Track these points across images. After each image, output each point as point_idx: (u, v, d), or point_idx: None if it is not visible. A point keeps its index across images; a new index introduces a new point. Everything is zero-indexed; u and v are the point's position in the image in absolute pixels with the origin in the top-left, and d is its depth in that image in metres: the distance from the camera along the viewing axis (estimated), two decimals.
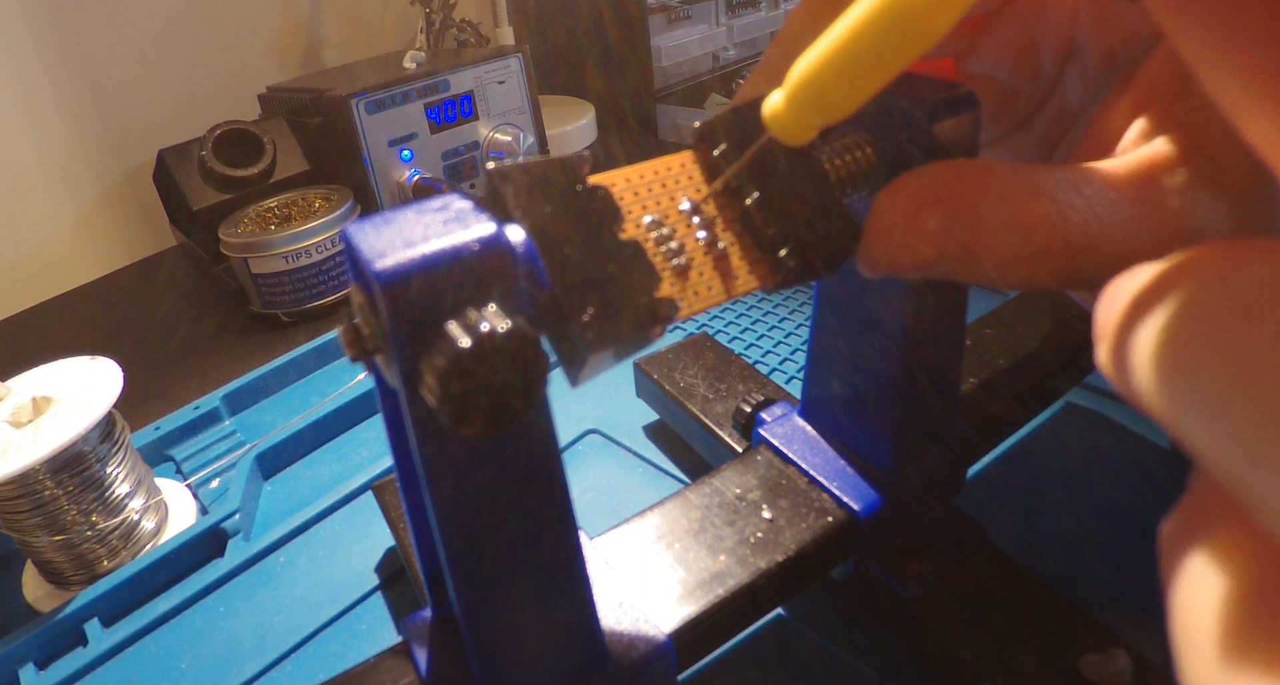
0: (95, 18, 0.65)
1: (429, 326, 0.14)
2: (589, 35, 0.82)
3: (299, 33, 0.78)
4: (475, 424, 0.14)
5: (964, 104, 0.19)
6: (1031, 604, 0.26)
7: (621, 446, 0.39)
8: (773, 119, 0.16)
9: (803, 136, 0.16)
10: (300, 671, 0.30)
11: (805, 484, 0.27)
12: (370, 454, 0.42)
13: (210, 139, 0.58)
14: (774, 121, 0.16)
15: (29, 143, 0.64)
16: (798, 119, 0.15)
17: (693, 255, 0.17)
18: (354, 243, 0.15)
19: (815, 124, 0.15)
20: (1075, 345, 0.33)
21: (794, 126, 0.15)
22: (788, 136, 0.16)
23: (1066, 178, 0.17)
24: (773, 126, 0.16)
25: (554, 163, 0.16)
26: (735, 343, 0.46)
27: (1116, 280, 0.10)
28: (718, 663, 0.28)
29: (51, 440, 0.30)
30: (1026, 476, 0.35)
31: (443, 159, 0.63)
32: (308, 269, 0.53)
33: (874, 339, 0.24)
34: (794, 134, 0.16)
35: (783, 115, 0.15)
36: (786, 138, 0.16)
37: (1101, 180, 0.17)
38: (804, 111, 0.15)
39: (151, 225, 0.72)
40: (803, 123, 0.15)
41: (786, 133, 0.16)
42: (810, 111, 0.15)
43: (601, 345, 0.15)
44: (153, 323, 0.58)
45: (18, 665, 0.31)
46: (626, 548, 0.25)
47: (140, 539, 0.36)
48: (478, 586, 0.18)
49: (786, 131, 0.16)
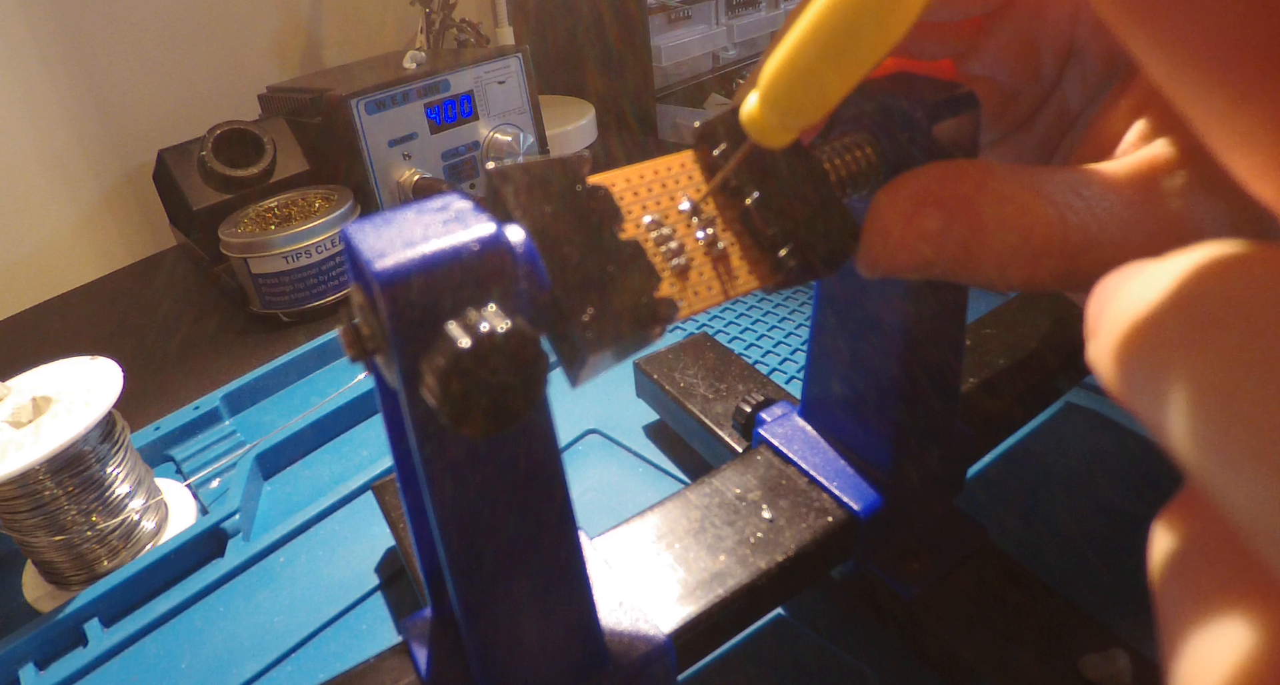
0: (95, 18, 0.65)
1: (429, 326, 0.14)
2: (589, 35, 0.82)
3: (299, 33, 0.78)
4: (475, 424, 0.14)
5: (964, 104, 0.19)
6: (1031, 604, 0.26)
7: (621, 446, 0.39)
8: (749, 122, 0.15)
9: (781, 138, 0.15)
10: (300, 671, 0.30)
11: (805, 484, 0.27)
12: (370, 454, 0.42)
13: (210, 139, 0.58)
14: (751, 124, 0.15)
15: (29, 143, 0.64)
16: (773, 121, 0.15)
17: (693, 255, 0.17)
18: (354, 243, 0.15)
19: (792, 126, 0.15)
20: (1075, 345, 0.33)
21: (771, 128, 0.15)
22: (765, 139, 0.15)
23: (1066, 179, 0.17)
24: (750, 130, 0.15)
25: (554, 163, 0.16)
26: (735, 343, 0.46)
27: (1108, 277, 0.10)
28: (718, 663, 0.28)
29: (51, 440, 0.30)
30: (1026, 476, 0.35)
31: (443, 159, 0.63)
32: (308, 269, 0.53)
33: (874, 339, 0.24)
34: (771, 136, 0.15)
35: (759, 118, 0.15)
36: (764, 140, 0.15)
37: (1101, 182, 0.17)
38: (779, 113, 0.15)
39: (151, 225, 0.72)
40: (779, 124, 0.15)
41: (764, 135, 0.15)
42: (785, 113, 0.15)
43: (601, 345, 0.15)
44: (153, 323, 0.58)
45: (18, 665, 0.31)
46: (626, 548, 0.25)
47: (140, 539, 0.36)
48: (478, 586, 0.18)
49: (764, 134, 0.15)
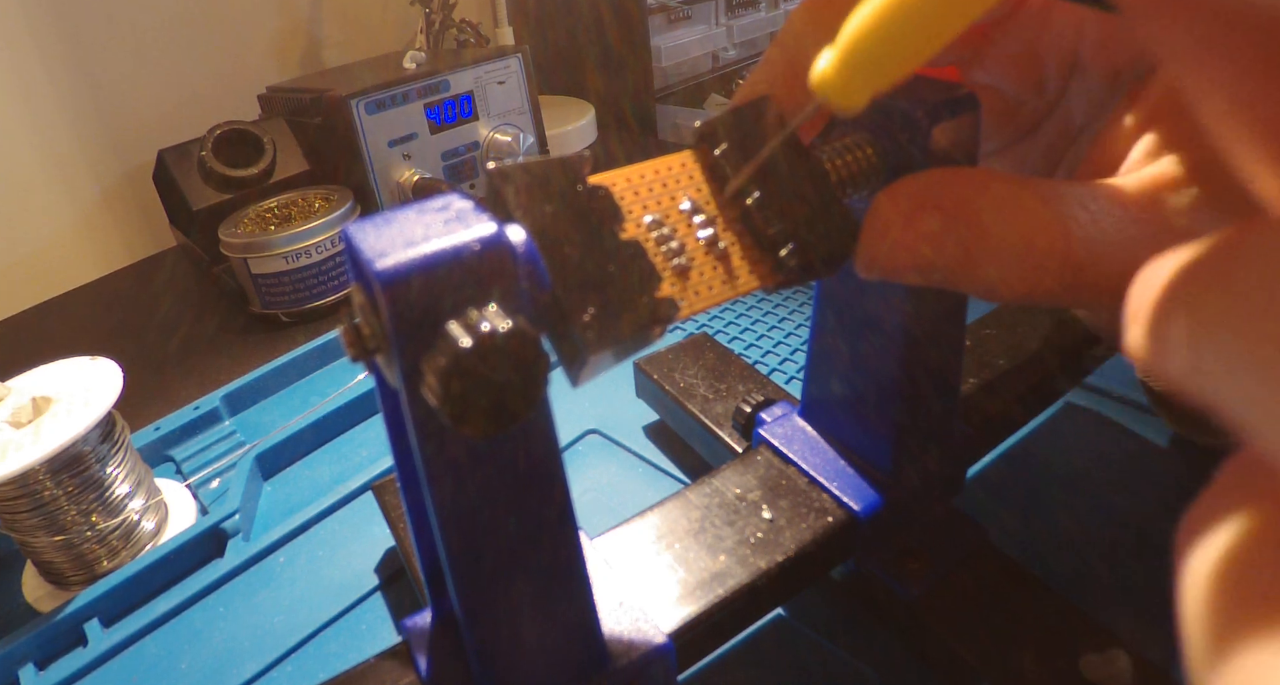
0: (95, 18, 0.65)
1: (430, 326, 0.14)
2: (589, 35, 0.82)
3: (299, 33, 0.78)
4: (476, 424, 0.14)
5: (964, 105, 0.19)
6: (1031, 604, 0.26)
7: (621, 446, 0.39)
8: (823, 83, 0.14)
9: (857, 101, 0.14)
10: (300, 671, 0.30)
11: (805, 484, 0.27)
12: (370, 454, 0.42)
13: (210, 139, 0.58)
14: (824, 85, 0.14)
15: (29, 143, 0.64)
16: (851, 82, 0.14)
17: (693, 255, 0.17)
18: (355, 242, 0.15)
19: (870, 88, 0.14)
20: (1075, 345, 0.33)
21: (847, 90, 0.14)
22: (841, 101, 0.14)
23: (1070, 191, 0.17)
24: (823, 90, 0.14)
25: (554, 163, 0.16)
26: (735, 343, 0.46)
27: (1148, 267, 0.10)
28: (718, 663, 0.28)
29: (51, 440, 0.30)
30: (1026, 476, 0.35)
31: (442, 159, 0.63)
32: (308, 269, 0.53)
33: (874, 339, 0.24)
34: (847, 99, 0.14)
35: (833, 78, 0.14)
36: (840, 102, 0.14)
37: (1107, 196, 0.17)
38: (859, 73, 0.14)
39: (151, 225, 0.71)
40: (857, 86, 0.14)
41: (840, 96, 0.14)
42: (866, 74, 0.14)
43: (602, 345, 0.15)
44: (153, 323, 0.58)
45: (18, 665, 0.31)
46: (626, 548, 0.25)
47: (140, 539, 0.36)
48: (478, 586, 0.18)
49: (840, 95, 0.14)
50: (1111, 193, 0.17)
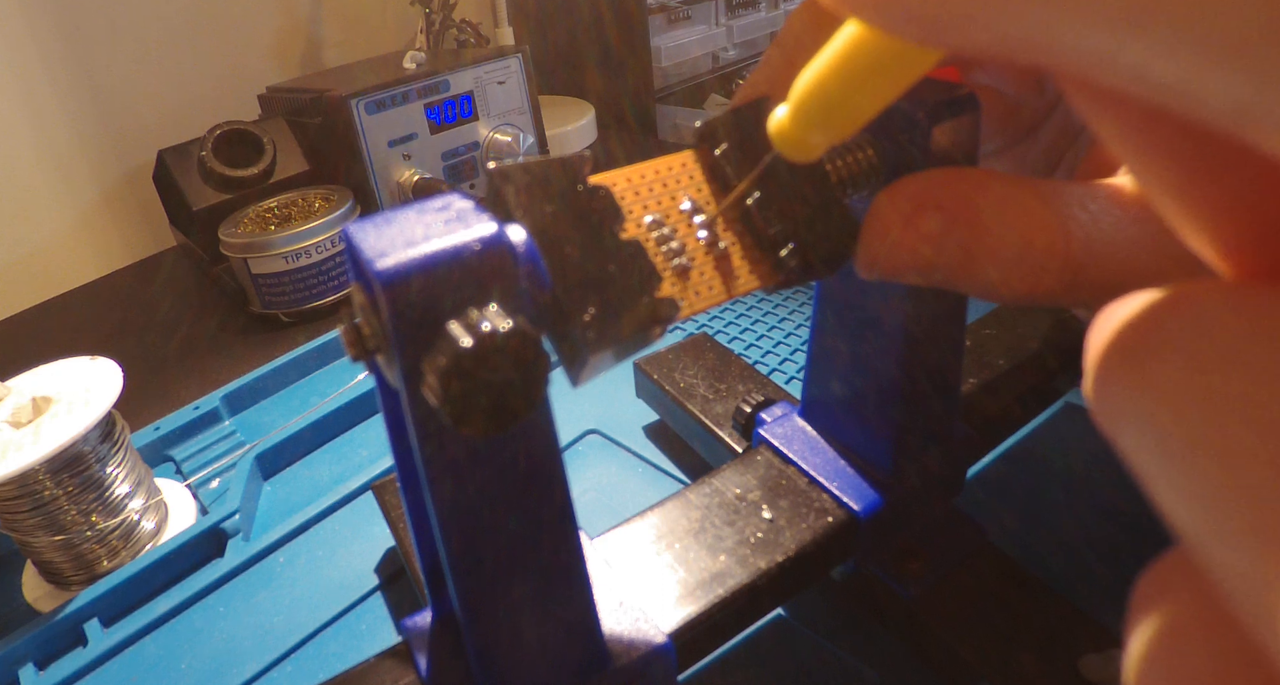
0: (95, 18, 0.65)
1: (430, 326, 0.14)
2: (589, 35, 0.82)
3: (299, 33, 0.78)
4: (476, 424, 0.14)
5: (964, 105, 0.19)
6: (1031, 604, 0.26)
7: (621, 446, 0.39)
8: (779, 136, 0.15)
9: (810, 154, 0.15)
10: (300, 671, 0.30)
11: (805, 484, 0.27)
12: (370, 454, 0.42)
13: (210, 139, 0.58)
14: (780, 138, 0.15)
15: (29, 143, 0.64)
16: (804, 136, 0.14)
17: (693, 255, 0.17)
18: (355, 242, 0.15)
19: (823, 142, 0.15)
20: (1075, 345, 0.33)
21: (801, 143, 0.15)
22: (795, 154, 0.15)
23: (1070, 191, 0.17)
24: (779, 143, 0.15)
25: (554, 163, 0.16)
26: (735, 343, 0.46)
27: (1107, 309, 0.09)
28: (718, 663, 0.28)
29: (51, 440, 0.30)
30: (1026, 476, 0.35)
31: (442, 159, 0.63)
32: (308, 269, 0.53)
33: (874, 339, 0.24)
34: (801, 151, 0.15)
35: (789, 132, 0.15)
36: (794, 155, 0.15)
37: (1107, 197, 0.17)
38: (810, 128, 0.14)
39: (151, 225, 0.71)
40: (810, 140, 0.15)
41: (794, 150, 0.15)
42: (817, 128, 0.14)
43: (602, 345, 0.15)
44: (153, 323, 0.58)
45: (18, 665, 0.31)
46: (626, 548, 0.25)
47: (140, 539, 0.36)
48: (478, 586, 0.18)
49: (794, 149, 0.15)
50: (1111, 193, 0.17)
